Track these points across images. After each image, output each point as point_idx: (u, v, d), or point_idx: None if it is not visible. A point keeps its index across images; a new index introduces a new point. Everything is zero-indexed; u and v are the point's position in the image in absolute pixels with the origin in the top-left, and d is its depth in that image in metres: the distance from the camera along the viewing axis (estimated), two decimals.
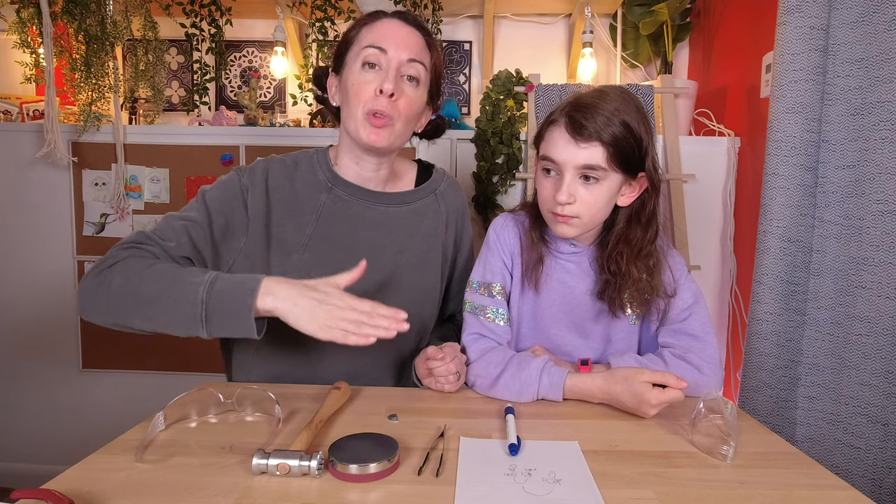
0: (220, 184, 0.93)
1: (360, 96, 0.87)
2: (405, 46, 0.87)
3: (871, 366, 1.05)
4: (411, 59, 0.87)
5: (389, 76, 0.86)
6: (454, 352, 0.85)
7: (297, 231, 0.92)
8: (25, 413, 1.84)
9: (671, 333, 0.90)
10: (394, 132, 0.89)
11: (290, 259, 0.91)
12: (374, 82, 0.86)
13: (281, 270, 0.90)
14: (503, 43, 2.19)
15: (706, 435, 0.71)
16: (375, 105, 0.86)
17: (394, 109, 0.87)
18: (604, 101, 0.81)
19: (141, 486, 0.58)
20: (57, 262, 1.77)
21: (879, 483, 1.04)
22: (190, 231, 0.86)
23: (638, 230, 0.87)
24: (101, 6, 1.64)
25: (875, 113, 1.05)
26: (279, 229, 0.92)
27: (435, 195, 1.02)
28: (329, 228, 0.93)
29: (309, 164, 0.97)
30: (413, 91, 0.90)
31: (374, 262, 0.93)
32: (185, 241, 0.85)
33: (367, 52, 0.87)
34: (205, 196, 0.90)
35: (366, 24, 0.90)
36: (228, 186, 0.92)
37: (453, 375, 0.85)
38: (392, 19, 0.90)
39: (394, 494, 0.57)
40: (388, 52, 0.86)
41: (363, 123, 0.88)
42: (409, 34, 0.89)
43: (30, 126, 1.74)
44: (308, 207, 0.93)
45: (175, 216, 0.88)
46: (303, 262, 0.91)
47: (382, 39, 0.87)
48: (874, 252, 1.05)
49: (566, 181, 0.82)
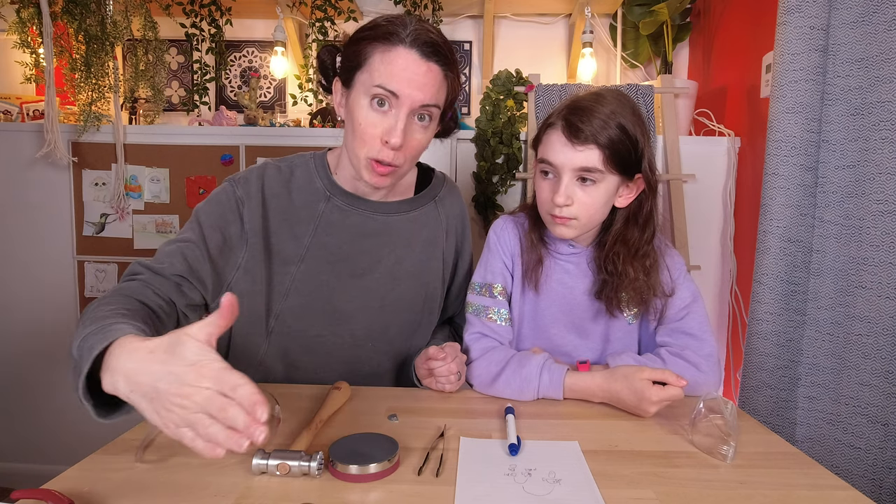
0: (214, 198, 0.89)
1: (364, 139, 0.81)
2: (419, 89, 0.79)
3: (871, 366, 1.05)
4: (424, 104, 0.80)
5: (398, 127, 0.79)
6: (455, 352, 0.85)
7: (294, 242, 0.90)
8: (25, 413, 1.84)
9: (669, 332, 0.90)
10: (398, 175, 0.86)
11: (288, 270, 0.89)
12: (380, 126, 0.80)
13: (280, 281, 0.89)
14: (503, 43, 2.19)
15: (706, 435, 0.71)
16: (380, 154, 0.81)
17: (399, 158, 0.82)
18: (600, 103, 0.81)
19: (141, 486, 0.58)
20: (57, 262, 1.77)
21: (879, 483, 1.04)
22: (185, 252, 0.82)
23: (635, 231, 0.88)
24: (101, 6, 1.64)
25: (875, 113, 1.05)
26: (277, 240, 0.90)
27: (434, 202, 1.00)
28: (327, 238, 0.91)
29: (306, 171, 0.93)
30: (422, 132, 0.84)
31: (374, 272, 0.93)
32: (179, 261, 0.81)
33: (377, 91, 0.79)
34: (198, 215, 0.87)
35: (379, 47, 0.80)
36: (222, 200, 0.88)
37: (454, 375, 0.84)
38: (410, 51, 0.79)
39: (394, 494, 0.57)
40: (401, 96, 0.79)
41: (366, 167, 0.83)
42: (426, 73, 0.79)
43: (30, 126, 1.74)
44: (305, 217, 0.90)
45: (170, 241, 0.85)
46: (301, 273, 0.90)
47: (395, 81, 0.78)
48: (874, 252, 1.05)
49: (564, 183, 0.82)
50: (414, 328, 0.98)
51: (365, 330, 0.93)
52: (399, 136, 0.79)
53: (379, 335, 0.95)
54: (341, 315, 0.92)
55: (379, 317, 0.94)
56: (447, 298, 1.06)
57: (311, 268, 0.90)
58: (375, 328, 0.94)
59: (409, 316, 0.96)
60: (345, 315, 0.92)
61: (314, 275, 0.90)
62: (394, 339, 0.96)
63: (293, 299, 0.90)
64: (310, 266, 0.90)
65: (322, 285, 0.91)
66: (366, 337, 0.94)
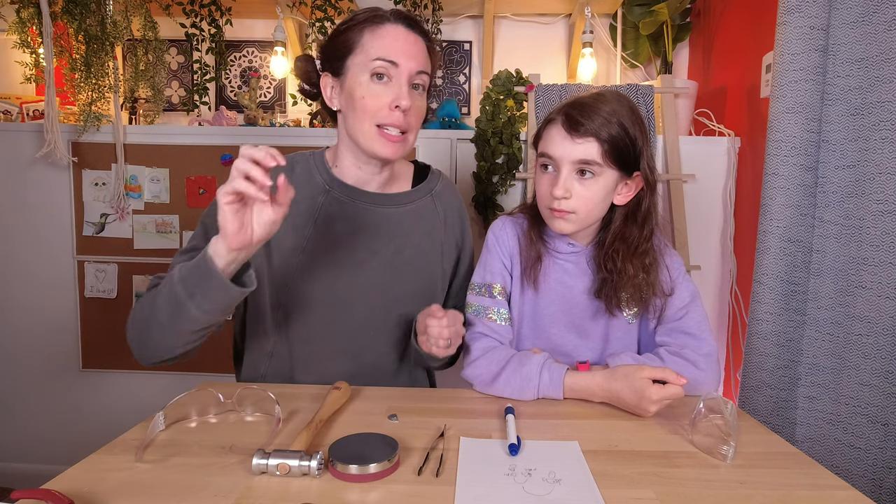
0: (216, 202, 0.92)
1: (369, 109, 0.87)
2: (413, 57, 0.87)
3: (871, 366, 1.05)
4: (420, 70, 0.88)
5: (403, 91, 0.86)
6: (454, 319, 0.85)
7: (295, 234, 0.92)
8: (25, 413, 1.84)
9: (667, 332, 0.91)
10: (407, 144, 0.91)
11: (290, 262, 0.92)
12: (385, 96, 0.86)
13: (283, 273, 0.92)
14: (503, 43, 2.19)
15: (706, 435, 0.71)
16: (389, 119, 0.87)
17: (407, 123, 0.88)
18: (600, 102, 0.84)
19: (141, 486, 0.58)
20: (57, 262, 1.77)
21: (879, 483, 1.04)
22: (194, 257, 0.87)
23: (634, 228, 0.89)
24: (101, 6, 1.64)
25: (875, 113, 1.05)
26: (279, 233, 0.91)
27: (431, 196, 1.03)
28: (327, 230, 0.94)
29: (306, 167, 0.97)
30: (420, 100, 0.91)
31: (373, 262, 0.95)
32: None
33: (377, 64, 0.85)
34: (203, 221, 0.92)
35: (368, 27, 0.87)
36: None
37: (444, 341, 0.84)
38: (397, 26, 0.88)
39: (394, 494, 0.57)
40: (400, 65, 0.86)
41: (375, 138, 0.88)
42: (415, 42, 0.88)
43: (30, 126, 1.74)
44: (305, 210, 0.93)
45: (182, 251, 0.90)
46: (302, 263, 0.92)
47: (392, 51, 0.86)
48: (874, 252, 1.05)
49: (563, 176, 0.84)
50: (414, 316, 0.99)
51: (366, 319, 0.95)
52: (407, 98, 0.86)
53: (380, 324, 0.96)
54: (343, 304, 0.94)
55: (380, 306, 0.96)
56: (448, 295, 1.07)
57: (311, 258, 0.93)
58: (376, 317, 0.96)
59: (408, 306, 0.98)
60: (346, 304, 0.94)
61: (315, 265, 0.93)
62: (394, 330, 0.98)
63: (296, 290, 0.92)
64: (310, 257, 0.93)
65: (323, 275, 0.93)
66: (367, 326, 0.96)
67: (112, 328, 1.79)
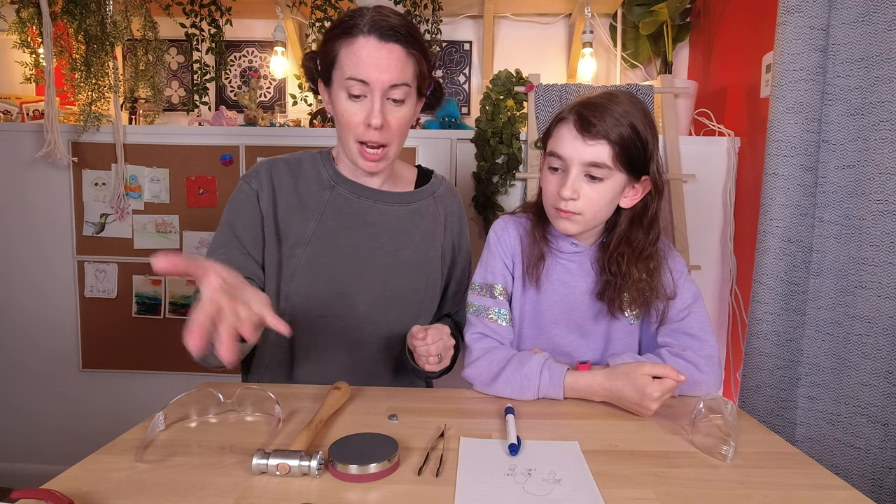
0: (234, 201, 0.96)
1: (348, 127, 0.89)
2: (385, 71, 0.85)
3: (871, 366, 1.05)
4: (393, 84, 0.86)
5: (375, 109, 0.86)
6: (438, 335, 0.86)
7: (301, 226, 0.95)
8: (25, 413, 1.84)
9: (669, 333, 0.90)
10: (389, 156, 0.93)
11: (295, 253, 0.95)
12: (360, 113, 0.88)
13: (288, 264, 0.95)
14: (503, 43, 2.19)
15: (706, 435, 0.71)
16: (366, 136, 0.88)
17: (385, 136, 0.89)
18: (613, 102, 0.82)
19: (141, 486, 0.58)
20: (57, 261, 1.77)
21: (879, 483, 1.04)
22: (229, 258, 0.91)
23: (640, 232, 0.88)
24: (101, 6, 1.64)
25: (875, 113, 1.05)
26: (286, 225, 0.96)
27: (433, 198, 1.05)
28: (332, 224, 0.96)
29: (313, 163, 1.00)
30: (400, 111, 0.90)
31: (375, 258, 0.97)
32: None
33: (349, 83, 0.86)
34: (226, 219, 0.95)
35: (343, 41, 0.86)
36: (242, 199, 0.96)
37: (434, 357, 0.87)
38: (369, 38, 0.85)
39: (394, 494, 0.57)
40: (371, 82, 0.85)
41: (357, 154, 0.91)
42: (387, 55, 0.85)
43: (30, 126, 1.74)
44: (312, 204, 0.96)
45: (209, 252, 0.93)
46: (306, 255, 0.94)
47: (362, 69, 0.85)
48: (874, 252, 1.05)
49: (571, 176, 0.83)
50: (413, 317, 1.00)
51: (366, 313, 0.96)
52: (378, 117, 0.86)
53: (380, 319, 0.98)
54: (344, 298, 0.95)
55: (380, 302, 0.97)
56: (444, 295, 1.08)
57: (315, 251, 0.95)
58: (376, 312, 0.97)
59: (408, 304, 0.99)
60: (347, 298, 0.95)
61: (319, 258, 0.95)
62: (393, 325, 0.98)
63: (299, 281, 0.94)
64: (315, 249, 0.95)
65: (326, 268, 0.95)
66: (367, 320, 0.97)
67: (112, 328, 1.79)
